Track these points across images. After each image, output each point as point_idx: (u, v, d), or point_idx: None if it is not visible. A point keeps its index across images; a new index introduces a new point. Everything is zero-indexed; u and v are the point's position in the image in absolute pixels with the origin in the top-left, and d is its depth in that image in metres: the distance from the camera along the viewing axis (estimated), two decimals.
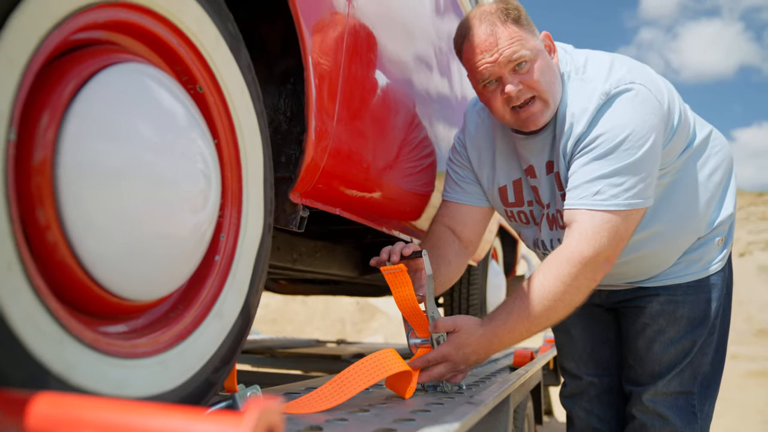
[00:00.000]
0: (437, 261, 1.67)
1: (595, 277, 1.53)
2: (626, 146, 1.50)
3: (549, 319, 1.53)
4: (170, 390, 0.85)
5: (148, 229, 0.79)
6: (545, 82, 1.55)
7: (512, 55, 1.51)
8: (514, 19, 1.52)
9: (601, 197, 1.51)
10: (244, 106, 1.04)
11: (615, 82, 1.55)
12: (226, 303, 0.99)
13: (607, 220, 1.50)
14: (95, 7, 0.76)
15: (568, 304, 1.52)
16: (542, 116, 1.59)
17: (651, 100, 1.56)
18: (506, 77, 1.54)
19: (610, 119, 1.53)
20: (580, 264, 1.49)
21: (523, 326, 1.51)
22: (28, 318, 0.64)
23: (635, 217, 1.55)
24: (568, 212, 1.55)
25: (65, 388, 0.68)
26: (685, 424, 1.80)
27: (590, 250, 1.49)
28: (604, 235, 1.50)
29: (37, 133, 0.70)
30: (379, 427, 1.03)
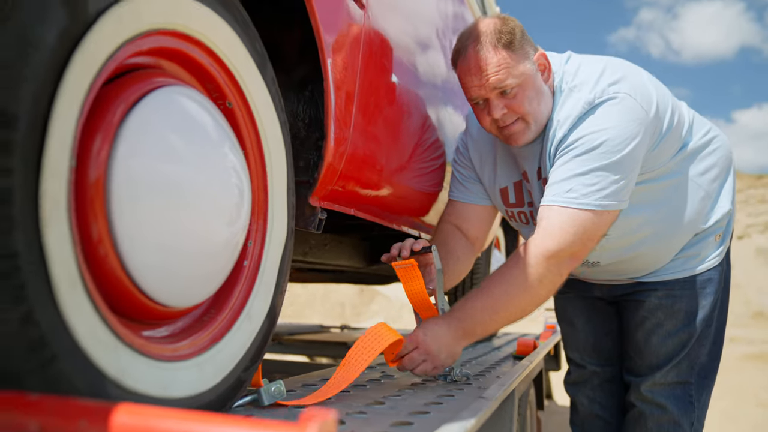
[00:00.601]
0: (446, 257, 1.73)
1: (560, 272, 1.57)
2: (603, 149, 1.54)
3: (515, 312, 1.57)
4: (207, 390, 0.91)
5: (188, 241, 0.85)
6: (530, 107, 1.60)
7: (498, 83, 1.56)
8: (506, 45, 1.55)
9: (572, 195, 1.55)
10: (270, 118, 1.10)
11: (600, 92, 1.59)
12: (255, 305, 1.06)
13: (575, 218, 1.54)
14: (141, 37, 0.81)
15: (533, 296, 1.56)
16: (524, 135, 1.65)
17: (634, 108, 1.59)
18: (492, 101, 1.60)
19: (591, 123, 1.57)
20: (542, 258, 1.53)
21: (489, 322, 1.56)
22: (89, 331, 0.71)
23: (606, 219, 1.58)
24: (542, 208, 1.60)
25: (120, 391, 0.75)
26: (682, 413, 1.87)
27: (554, 245, 1.53)
28: (570, 232, 1.54)
29: (91, 156, 0.76)
30: (396, 420, 1.10)
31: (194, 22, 0.90)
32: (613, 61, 1.73)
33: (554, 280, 1.57)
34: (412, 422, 1.07)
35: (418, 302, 1.54)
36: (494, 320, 1.57)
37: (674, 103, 1.81)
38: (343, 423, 1.07)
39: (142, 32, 0.81)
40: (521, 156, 1.76)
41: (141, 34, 0.81)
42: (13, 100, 0.62)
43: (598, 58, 1.75)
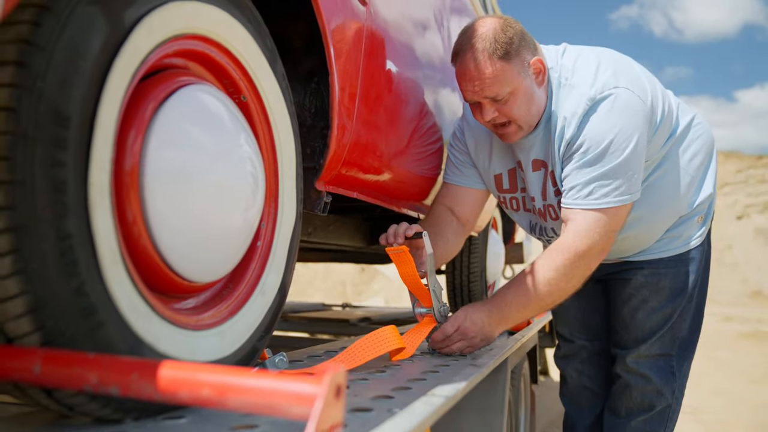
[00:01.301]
0: (436, 239, 1.84)
1: (589, 267, 1.72)
2: (612, 149, 1.65)
3: (547, 303, 1.71)
4: (228, 355, 1.02)
5: (211, 224, 0.96)
6: (521, 113, 1.70)
7: (490, 93, 1.66)
8: (502, 56, 1.62)
9: (593, 197, 1.68)
10: (280, 110, 1.20)
11: (599, 87, 1.69)
12: (268, 281, 1.17)
13: (599, 218, 1.68)
14: (169, 41, 0.91)
15: (564, 290, 1.71)
16: (515, 136, 1.77)
17: (634, 101, 1.70)
18: (485, 105, 1.70)
19: (596, 125, 1.67)
20: (575, 257, 1.67)
21: (523, 311, 1.71)
22: (129, 302, 0.82)
23: (624, 212, 1.73)
24: (565, 211, 1.73)
25: (154, 355, 0.86)
26: (664, 383, 2.00)
27: (584, 245, 1.67)
28: (597, 231, 1.68)
29: (126, 148, 0.86)
30: (396, 385, 1.21)
31: (213, 25, 1.00)
32: (606, 53, 1.83)
33: (584, 274, 1.71)
34: (411, 387, 1.19)
35: (410, 283, 1.66)
36: (528, 312, 1.72)
37: (663, 91, 1.91)
38: (348, 387, 1.18)
39: (170, 37, 0.91)
40: (516, 146, 1.86)
41: (168, 39, 0.91)
42: (66, 103, 0.72)
43: (592, 50, 1.84)
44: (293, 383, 0.59)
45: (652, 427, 2.02)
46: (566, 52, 1.83)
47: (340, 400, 0.60)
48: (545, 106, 1.76)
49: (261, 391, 0.60)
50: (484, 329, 1.66)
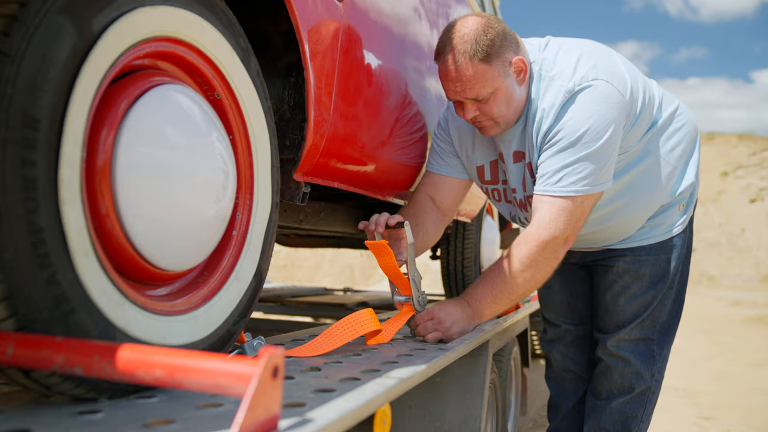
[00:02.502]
0: (416, 228, 1.89)
1: (556, 256, 1.76)
2: (586, 139, 1.69)
3: (519, 295, 1.77)
4: (200, 339, 1.09)
5: (182, 216, 1.02)
6: (499, 111, 1.75)
7: (471, 95, 1.71)
8: (483, 58, 1.66)
9: (561, 185, 1.71)
10: (254, 106, 1.25)
11: (578, 79, 1.73)
12: (243, 268, 1.23)
13: (565, 206, 1.71)
14: (139, 45, 0.97)
15: (533, 280, 1.75)
16: (492, 130, 1.82)
17: (612, 93, 1.74)
18: (466, 105, 1.75)
19: (572, 115, 1.71)
20: (540, 247, 1.71)
21: (495, 304, 1.77)
22: (100, 289, 0.88)
23: (591, 201, 1.76)
24: (534, 198, 1.77)
25: (126, 339, 0.93)
26: (644, 366, 2.05)
27: (547, 234, 1.72)
28: (561, 220, 1.72)
29: (99, 145, 0.92)
30: (367, 367, 1.28)
31: (185, 28, 1.05)
32: (588, 46, 1.86)
33: (552, 263, 1.76)
34: (380, 369, 1.25)
35: (390, 273, 1.71)
36: (499, 305, 1.78)
37: (645, 82, 1.94)
38: (319, 370, 1.24)
39: (140, 41, 0.96)
40: (498, 139, 1.90)
41: (138, 42, 0.96)
42: (35, 107, 0.78)
43: (574, 42, 1.87)
44: (233, 364, 0.65)
45: (632, 409, 2.08)
46: (548, 46, 1.86)
47: (277, 380, 0.66)
48: (525, 102, 1.80)
49: (205, 371, 0.66)
50: (458, 322, 1.71)
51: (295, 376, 1.17)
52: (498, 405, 2.37)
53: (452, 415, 1.87)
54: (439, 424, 1.88)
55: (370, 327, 1.52)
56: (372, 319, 1.54)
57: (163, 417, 0.84)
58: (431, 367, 1.24)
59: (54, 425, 0.80)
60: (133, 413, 0.87)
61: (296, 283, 16.59)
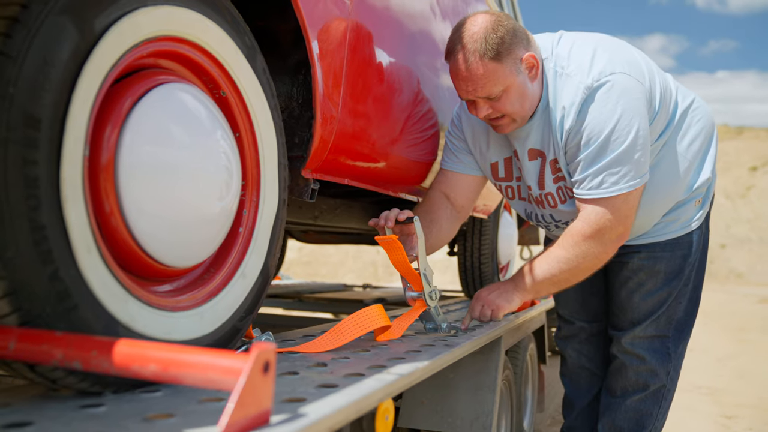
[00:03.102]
0: (430, 225, 1.90)
1: (605, 250, 1.79)
2: (615, 137, 1.68)
3: (560, 279, 1.81)
4: (206, 334, 1.10)
5: (185, 214, 1.04)
6: (514, 108, 1.74)
7: (482, 93, 1.70)
8: (493, 56, 1.65)
9: (604, 187, 1.72)
10: (260, 103, 1.26)
11: (596, 75, 1.71)
12: (249, 265, 1.24)
13: (612, 205, 1.73)
14: (142, 44, 0.98)
15: (577, 269, 1.79)
16: (509, 128, 1.81)
17: (632, 85, 1.72)
18: (478, 103, 1.74)
19: (596, 115, 1.70)
20: (582, 240, 1.76)
21: (540, 285, 1.81)
22: (103, 286, 0.90)
23: (636, 195, 1.77)
24: (578, 202, 1.79)
25: (129, 333, 0.94)
26: (659, 363, 2.03)
27: (590, 229, 1.74)
28: (609, 218, 1.74)
29: (103, 144, 0.94)
30: (374, 363, 1.28)
31: (188, 27, 1.06)
32: (602, 39, 1.84)
33: (599, 256, 1.79)
34: (386, 365, 1.25)
35: (401, 269, 1.71)
36: (542, 285, 1.82)
37: (661, 76, 1.92)
38: (326, 365, 1.25)
39: (142, 40, 0.98)
40: (512, 137, 1.89)
41: (141, 42, 0.98)
42: (37, 106, 0.80)
43: (587, 36, 1.86)
44: (224, 359, 0.66)
45: (647, 407, 2.05)
46: (561, 41, 1.85)
47: (268, 376, 0.67)
48: (540, 98, 1.79)
49: (198, 366, 0.67)
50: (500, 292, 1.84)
51: (300, 371, 1.18)
52: (513, 402, 2.36)
53: (464, 411, 1.87)
54: (451, 419, 1.88)
55: (379, 323, 1.53)
56: (381, 315, 1.54)
57: (165, 411, 0.86)
58: (434, 364, 1.24)
59: (57, 418, 0.82)
60: (136, 407, 0.88)
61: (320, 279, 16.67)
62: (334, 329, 1.49)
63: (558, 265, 1.77)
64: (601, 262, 1.81)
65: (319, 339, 1.48)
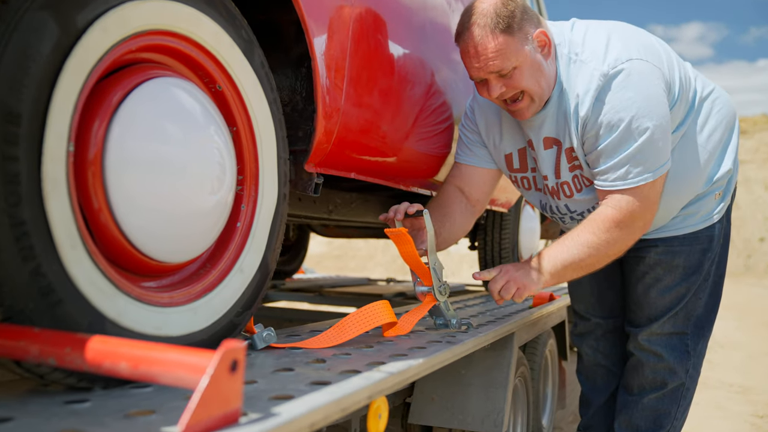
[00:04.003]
0: (443, 219, 1.87)
1: (633, 237, 1.75)
2: (635, 125, 1.64)
3: (587, 264, 1.75)
4: (199, 330, 1.10)
5: (175, 209, 1.03)
6: (529, 84, 1.69)
7: (494, 68, 1.65)
8: (504, 29, 1.62)
9: (630, 176, 1.69)
10: (258, 98, 1.25)
11: (612, 61, 1.66)
12: (246, 260, 1.24)
13: (638, 193, 1.69)
14: (130, 39, 0.98)
15: (605, 255, 1.75)
16: (528, 111, 1.75)
17: (649, 70, 1.67)
18: (491, 81, 1.69)
19: (614, 103, 1.65)
20: (614, 226, 1.71)
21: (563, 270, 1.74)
22: (89, 280, 0.89)
23: (662, 181, 1.74)
24: (603, 192, 1.75)
25: (117, 329, 0.94)
26: (677, 361, 1.98)
27: (622, 215, 1.70)
28: (638, 204, 1.70)
29: (91, 136, 0.93)
30: (374, 360, 1.26)
31: (179, 21, 1.05)
32: (616, 25, 1.79)
33: (626, 242, 1.76)
34: (384, 361, 1.24)
35: (411, 262, 1.69)
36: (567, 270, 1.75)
37: (679, 62, 1.86)
38: (324, 362, 1.24)
39: (130, 35, 0.97)
40: (526, 125, 1.85)
41: (129, 36, 0.97)
42: (16, 102, 0.79)
43: (601, 23, 1.81)
44: (192, 356, 0.65)
45: (664, 405, 2.00)
46: (575, 27, 1.81)
47: (236, 374, 0.65)
48: (554, 82, 1.75)
49: (166, 363, 0.66)
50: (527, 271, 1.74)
51: (297, 368, 1.17)
52: (529, 399, 2.33)
53: (475, 408, 1.85)
54: (462, 416, 1.86)
55: (385, 319, 1.51)
56: (386, 310, 1.52)
57: (149, 408, 0.85)
58: (430, 362, 1.22)
59: (39, 414, 0.82)
60: (121, 403, 0.88)
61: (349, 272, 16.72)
62: (339, 324, 1.48)
63: (587, 250, 1.72)
64: (624, 250, 1.78)
65: (324, 335, 1.46)
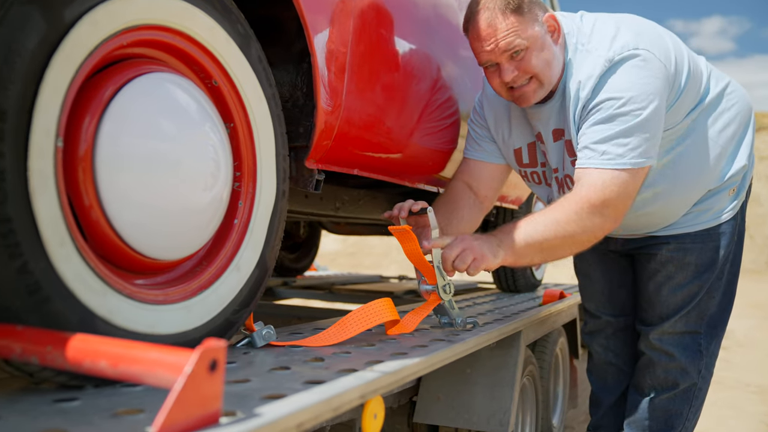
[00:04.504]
0: (451, 216, 1.84)
1: (601, 227, 1.62)
2: (629, 108, 1.59)
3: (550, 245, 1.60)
4: (193, 328, 1.09)
5: (168, 206, 1.02)
6: (540, 66, 1.66)
7: (507, 47, 1.62)
8: (514, 9, 1.60)
9: (607, 157, 1.61)
10: (255, 93, 1.24)
11: (618, 48, 1.63)
12: (244, 258, 1.22)
13: (615, 178, 1.61)
14: (120, 34, 0.96)
15: (570, 239, 1.61)
16: (534, 95, 1.71)
17: (654, 63, 1.63)
18: (503, 64, 1.66)
19: (613, 84, 1.62)
20: (587, 206, 1.58)
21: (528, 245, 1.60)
22: (79, 278, 0.88)
23: (640, 175, 1.65)
24: (578, 171, 1.66)
25: (109, 327, 0.93)
26: (689, 361, 1.94)
27: (598, 197, 1.59)
28: (613, 189, 1.60)
29: (81, 132, 0.92)
30: (374, 358, 1.24)
31: (172, 16, 1.04)
32: (627, 18, 1.76)
33: (594, 231, 1.62)
34: (384, 360, 1.22)
35: (415, 260, 1.66)
36: (527, 249, 1.60)
37: (690, 55, 1.82)
38: (323, 360, 1.22)
39: (121, 30, 0.96)
40: (535, 117, 1.83)
41: (120, 31, 0.96)
42: (1, 98, 0.78)
43: (611, 15, 1.78)
44: (172, 355, 0.64)
45: (676, 406, 1.96)
46: (584, 18, 1.78)
47: (215, 374, 0.64)
48: (562, 70, 1.72)
49: (146, 362, 0.65)
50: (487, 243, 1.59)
51: (294, 366, 1.16)
52: (538, 398, 2.30)
53: (480, 408, 1.82)
54: (468, 416, 1.84)
55: (387, 317, 1.49)
56: (389, 308, 1.50)
57: (137, 407, 0.84)
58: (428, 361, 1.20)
59: (27, 412, 0.81)
60: (111, 402, 0.87)
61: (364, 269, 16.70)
62: (341, 322, 1.47)
63: (553, 228, 1.58)
64: (591, 241, 1.65)
65: (325, 332, 1.45)
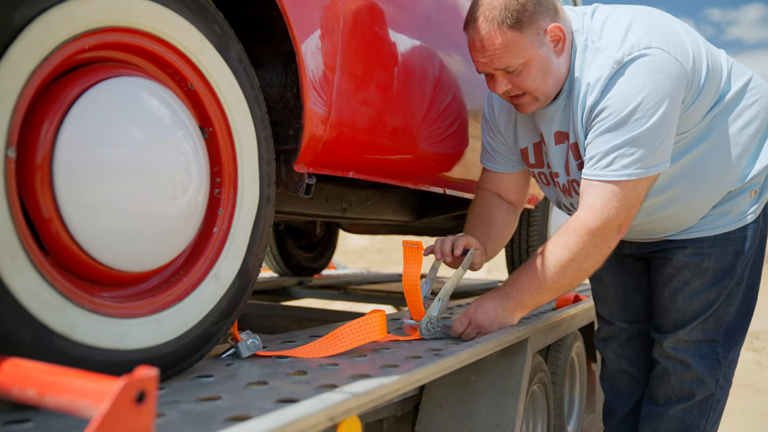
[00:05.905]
0: (488, 227, 1.82)
1: (608, 245, 1.61)
2: (637, 116, 1.52)
3: (563, 285, 1.63)
4: (165, 342, 1.05)
5: (133, 216, 0.97)
6: (536, 84, 1.60)
7: (500, 65, 1.56)
8: (512, 24, 1.52)
9: (612, 168, 1.55)
10: (235, 96, 1.19)
11: (628, 49, 1.54)
12: (223, 267, 1.18)
13: (617, 192, 1.55)
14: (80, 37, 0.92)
15: (580, 270, 1.61)
16: (530, 107, 1.66)
17: (668, 63, 1.54)
18: (497, 77, 1.61)
19: (621, 88, 1.53)
20: (587, 235, 1.57)
21: (539, 294, 1.64)
22: (32, 294, 0.85)
23: (646, 185, 1.59)
24: (583, 182, 1.62)
25: (69, 344, 0.89)
26: (706, 370, 1.84)
27: (597, 222, 1.56)
28: (614, 206, 1.56)
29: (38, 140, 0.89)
30: (361, 372, 1.19)
31: (137, 17, 1.00)
32: (641, 11, 1.67)
33: (602, 252, 1.62)
34: (370, 374, 1.16)
35: (407, 284, 1.59)
36: (543, 295, 1.65)
37: (710, 50, 1.72)
38: (306, 374, 1.17)
39: (80, 33, 0.92)
40: (538, 118, 1.76)
41: (79, 35, 0.92)
42: None
43: (626, 8, 1.69)
44: (98, 384, 0.59)
45: (692, 417, 1.87)
46: (596, 13, 1.69)
47: (144, 406, 0.59)
48: (566, 76, 1.65)
49: (72, 390, 0.61)
50: (498, 318, 1.63)
51: (272, 380, 1.11)
52: (550, 405, 2.22)
53: (484, 418, 1.76)
54: (471, 426, 1.77)
55: (379, 334, 1.44)
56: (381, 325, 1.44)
57: None
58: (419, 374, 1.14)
59: None
60: (64, 423, 0.83)
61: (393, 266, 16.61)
62: (332, 334, 1.42)
63: (562, 268, 1.59)
64: (603, 260, 1.64)
65: (315, 343, 1.40)
